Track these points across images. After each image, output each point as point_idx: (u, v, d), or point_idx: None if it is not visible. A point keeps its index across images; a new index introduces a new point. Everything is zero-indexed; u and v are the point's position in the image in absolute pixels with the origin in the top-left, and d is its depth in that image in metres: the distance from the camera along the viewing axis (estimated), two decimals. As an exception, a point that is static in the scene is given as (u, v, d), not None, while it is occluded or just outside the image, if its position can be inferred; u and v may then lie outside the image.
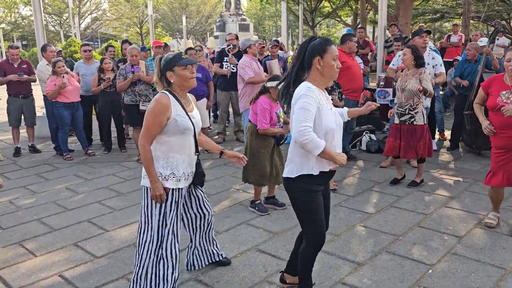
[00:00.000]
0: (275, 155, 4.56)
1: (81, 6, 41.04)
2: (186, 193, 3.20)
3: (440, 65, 6.10)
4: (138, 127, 6.71)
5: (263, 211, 4.58)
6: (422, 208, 4.63)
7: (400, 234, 4.02)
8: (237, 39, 7.84)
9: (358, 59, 7.35)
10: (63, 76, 6.64)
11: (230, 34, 7.99)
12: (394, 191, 5.14)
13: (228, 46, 7.57)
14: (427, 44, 6.19)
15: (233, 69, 7.58)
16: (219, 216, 4.54)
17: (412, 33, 6.37)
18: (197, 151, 3.08)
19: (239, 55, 7.72)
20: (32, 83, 7.38)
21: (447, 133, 7.60)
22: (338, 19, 31.33)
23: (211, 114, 9.54)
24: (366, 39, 10.53)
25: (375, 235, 4.01)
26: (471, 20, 17.52)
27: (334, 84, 5.53)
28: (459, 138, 6.94)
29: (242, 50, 6.36)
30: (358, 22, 25.13)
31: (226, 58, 7.65)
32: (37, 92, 7.67)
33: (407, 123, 5.11)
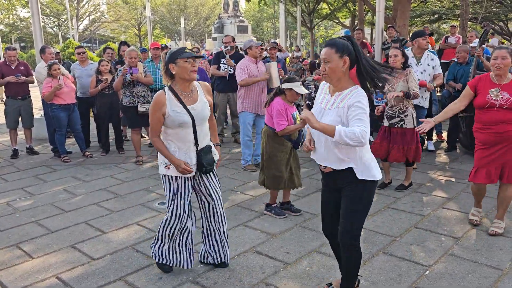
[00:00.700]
0: (292, 159, 4.46)
1: (79, 8, 41.04)
2: (195, 180, 3.34)
3: (438, 66, 6.12)
4: (136, 129, 6.72)
5: (280, 214, 4.48)
6: (419, 209, 4.64)
7: (397, 235, 4.03)
8: (233, 41, 7.85)
9: None
10: (59, 78, 6.64)
11: (227, 36, 7.98)
12: (391, 193, 5.15)
13: (225, 48, 7.57)
14: (429, 46, 6.24)
15: (230, 70, 7.59)
16: (217, 217, 4.54)
17: (412, 34, 6.39)
18: (196, 142, 3.20)
19: (236, 57, 7.74)
20: (31, 85, 7.38)
21: (444, 134, 7.62)
22: (336, 21, 31.34)
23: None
24: (364, 40, 10.55)
25: (373, 236, 4.01)
26: (469, 22, 17.56)
27: None
28: (456, 139, 6.96)
29: (244, 51, 6.32)
30: (356, 24, 25.17)
31: (223, 60, 7.65)
32: (35, 94, 7.67)
33: (396, 126, 5.11)
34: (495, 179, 3.98)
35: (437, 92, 8.67)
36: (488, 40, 12.12)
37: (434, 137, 7.45)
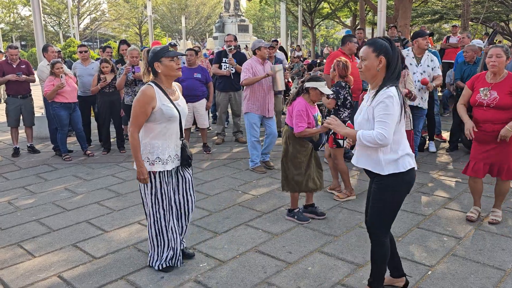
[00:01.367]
0: (313, 161, 4.31)
1: (80, 7, 41.05)
2: (175, 174, 3.42)
3: (437, 67, 6.10)
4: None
5: (303, 220, 4.31)
6: (421, 210, 4.63)
7: (400, 235, 4.02)
8: (235, 40, 7.84)
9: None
10: (61, 76, 6.63)
11: (229, 35, 7.96)
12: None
13: (228, 47, 7.56)
14: (428, 46, 6.21)
15: (232, 70, 7.58)
16: (218, 217, 4.53)
17: (413, 34, 6.37)
18: (182, 136, 3.36)
19: (238, 56, 7.73)
20: (32, 83, 7.37)
21: (445, 134, 7.61)
22: (337, 20, 31.37)
23: (210, 115, 9.55)
24: (365, 40, 10.53)
25: (375, 236, 4.00)
26: (470, 22, 17.55)
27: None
28: (458, 139, 6.95)
29: (252, 51, 6.21)
30: (357, 23, 25.15)
31: (225, 59, 7.64)
32: (36, 93, 7.66)
33: None
34: (492, 174, 4.14)
35: (438, 92, 8.65)
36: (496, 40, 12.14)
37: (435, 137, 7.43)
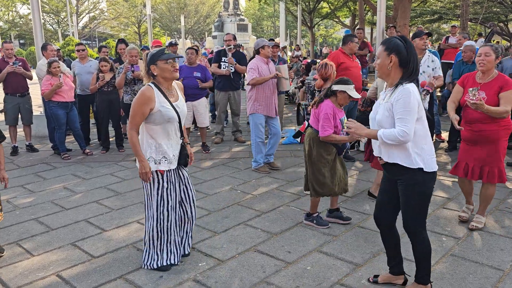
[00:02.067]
0: (338, 164, 4.18)
1: (78, 5, 40.98)
2: (175, 173, 3.46)
3: (438, 68, 6.10)
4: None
5: (322, 224, 4.20)
6: (420, 209, 4.63)
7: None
8: (234, 39, 7.83)
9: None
10: (59, 75, 6.62)
11: (228, 34, 7.96)
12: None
13: (228, 46, 7.55)
14: (427, 46, 6.19)
15: (231, 69, 7.58)
16: (217, 216, 4.53)
17: (412, 34, 6.37)
18: (182, 135, 3.41)
19: (238, 56, 7.73)
20: (31, 82, 7.35)
21: (445, 134, 7.62)
22: (336, 20, 31.39)
23: (209, 114, 9.54)
24: (365, 40, 10.55)
25: (373, 236, 4.00)
26: (469, 22, 17.56)
27: None
28: (457, 139, 6.95)
29: (255, 51, 6.15)
30: (356, 23, 25.18)
31: (224, 58, 7.64)
32: (35, 91, 7.65)
33: None
34: (474, 176, 4.08)
35: (437, 93, 8.66)
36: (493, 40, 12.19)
37: (434, 137, 7.43)
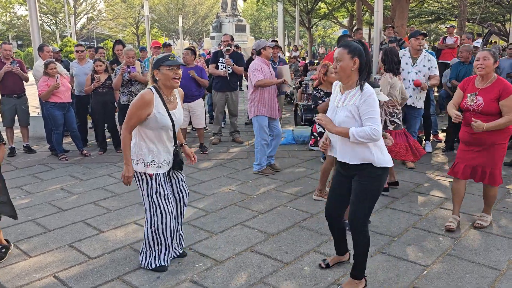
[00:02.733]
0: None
1: (76, 6, 40.93)
2: (167, 176, 3.49)
3: (434, 67, 6.11)
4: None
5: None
6: (417, 209, 4.64)
7: (396, 235, 4.03)
8: (232, 40, 7.83)
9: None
10: (56, 77, 6.62)
11: (225, 35, 7.96)
12: (390, 193, 5.15)
13: (225, 47, 7.55)
14: (423, 46, 6.20)
15: (229, 70, 7.58)
16: (215, 217, 4.53)
17: (409, 35, 6.39)
18: (175, 143, 3.41)
19: (235, 56, 7.73)
20: (28, 83, 7.34)
21: (442, 134, 7.63)
22: (334, 21, 31.41)
23: (207, 115, 9.54)
24: (363, 40, 10.55)
25: (371, 236, 3.98)
26: (467, 22, 17.60)
27: None
28: (454, 139, 6.97)
29: (256, 52, 6.11)
30: (354, 23, 25.19)
31: (221, 59, 7.63)
32: (32, 92, 7.64)
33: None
34: (475, 178, 4.10)
35: (434, 93, 8.68)
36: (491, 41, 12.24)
37: (431, 137, 7.44)
